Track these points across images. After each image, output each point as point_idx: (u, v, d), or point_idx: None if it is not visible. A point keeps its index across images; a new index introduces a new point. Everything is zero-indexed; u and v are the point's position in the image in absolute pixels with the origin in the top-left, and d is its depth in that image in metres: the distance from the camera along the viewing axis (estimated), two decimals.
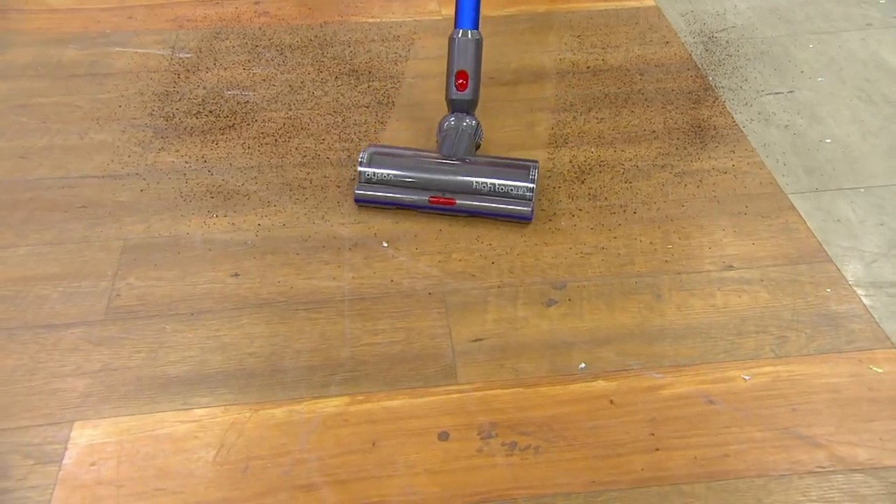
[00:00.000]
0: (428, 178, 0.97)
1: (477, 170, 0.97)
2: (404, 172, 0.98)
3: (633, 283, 0.91)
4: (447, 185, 0.97)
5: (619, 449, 0.73)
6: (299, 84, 1.28)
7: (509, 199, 0.96)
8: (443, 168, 0.98)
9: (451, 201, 0.96)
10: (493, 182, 0.96)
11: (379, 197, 0.98)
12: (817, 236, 0.97)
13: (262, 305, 0.88)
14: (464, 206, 0.97)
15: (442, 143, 1.01)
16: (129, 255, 0.95)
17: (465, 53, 1.00)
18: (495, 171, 0.97)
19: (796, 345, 0.83)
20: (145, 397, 0.77)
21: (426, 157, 0.99)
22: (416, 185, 0.97)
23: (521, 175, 0.96)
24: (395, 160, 0.99)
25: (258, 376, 0.80)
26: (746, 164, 1.09)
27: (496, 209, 0.96)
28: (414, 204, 0.98)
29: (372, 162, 0.98)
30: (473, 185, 0.96)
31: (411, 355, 0.82)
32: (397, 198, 0.98)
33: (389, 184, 0.98)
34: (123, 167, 1.09)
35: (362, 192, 0.99)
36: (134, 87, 1.27)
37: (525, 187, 0.96)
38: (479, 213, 0.97)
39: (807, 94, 1.24)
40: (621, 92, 1.25)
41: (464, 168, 0.98)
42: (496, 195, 0.96)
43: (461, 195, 0.97)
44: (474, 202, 0.97)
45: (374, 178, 0.98)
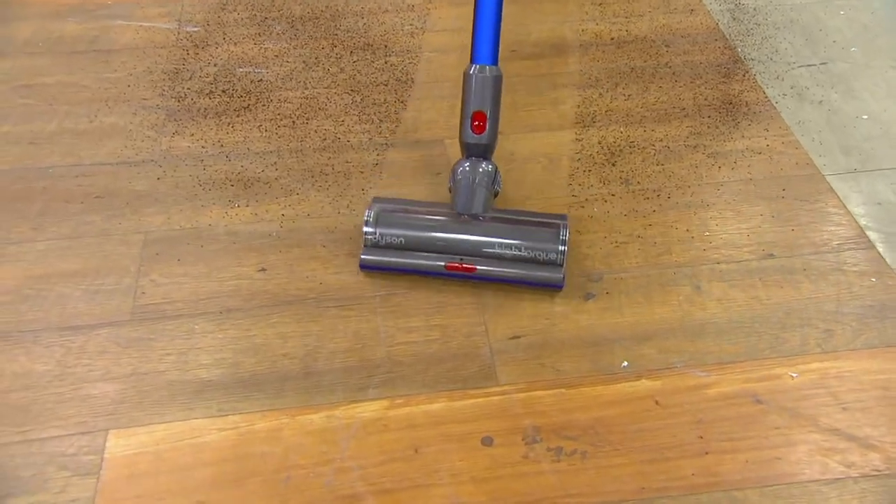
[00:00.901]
0: (443, 240, 0.85)
1: (499, 230, 0.85)
2: (416, 233, 0.86)
3: (672, 273, 0.89)
4: (465, 249, 0.85)
5: (668, 453, 0.71)
6: (314, 60, 1.23)
7: (537, 265, 0.85)
8: (460, 228, 0.86)
9: (470, 268, 0.84)
10: (518, 244, 0.84)
11: (388, 263, 0.86)
12: (858, 221, 0.94)
13: (292, 302, 0.86)
14: (485, 272, 0.85)
15: (456, 195, 0.88)
16: (151, 248, 0.92)
17: (482, 93, 0.88)
18: (520, 231, 0.85)
19: (843, 339, 0.81)
20: (179, 403, 0.76)
21: (440, 216, 0.87)
22: (430, 248, 0.85)
23: (549, 236, 0.85)
24: (405, 219, 0.86)
25: (293, 379, 0.78)
26: (781, 143, 1.06)
27: (523, 276, 0.85)
28: (428, 271, 0.85)
29: (379, 222, 0.86)
30: (496, 248, 0.85)
31: (448, 355, 0.80)
32: (409, 263, 0.86)
33: (399, 248, 0.86)
34: (137, 153, 1.06)
35: (369, 257, 0.86)
36: (141, 64, 1.23)
37: (555, 251, 0.84)
38: (504, 280, 0.85)
39: (840, 65, 1.20)
40: (648, 65, 1.21)
41: (484, 228, 0.86)
42: (522, 260, 0.85)
43: (482, 260, 0.85)
44: (497, 269, 0.85)
45: (381, 242, 0.86)
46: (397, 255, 0.86)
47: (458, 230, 0.86)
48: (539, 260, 0.85)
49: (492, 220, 0.87)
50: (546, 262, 0.85)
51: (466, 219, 0.86)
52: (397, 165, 1.04)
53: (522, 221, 0.87)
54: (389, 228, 0.86)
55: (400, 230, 0.86)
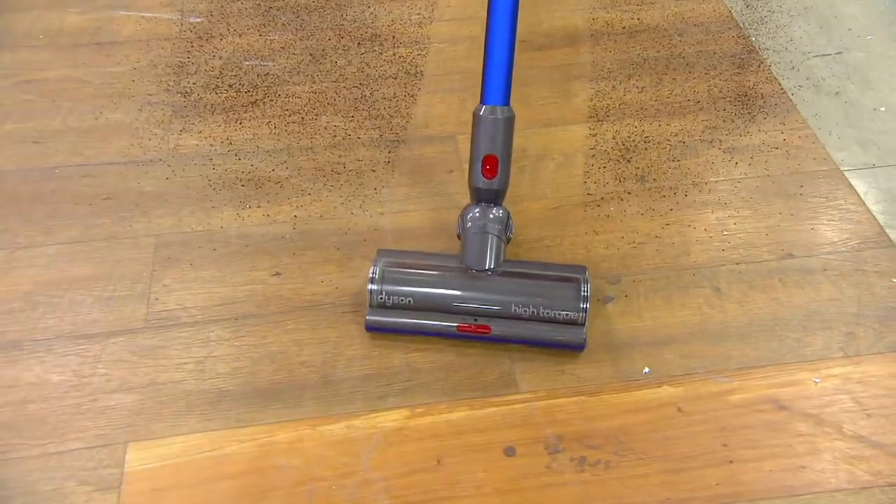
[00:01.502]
0: (454, 299, 0.79)
1: (514, 287, 0.79)
2: (425, 292, 0.80)
3: (691, 275, 0.88)
4: (479, 309, 0.79)
5: (692, 462, 0.71)
6: (320, 52, 1.21)
7: (556, 325, 0.79)
8: (472, 286, 0.80)
9: (485, 329, 0.79)
10: (535, 303, 0.79)
11: (395, 325, 0.80)
12: (878, 219, 0.93)
13: (308, 308, 0.85)
14: (501, 334, 0.79)
15: (467, 247, 0.82)
16: (163, 252, 0.90)
17: (493, 136, 0.81)
18: (537, 288, 0.79)
19: (865, 342, 0.80)
20: (197, 414, 0.75)
21: (450, 271, 0.81)
22: (441, 308, 0.79)
23: (568, 294, 0.78)
24: (413, 276, 0.81)
25: (311, 388, 0.77)
26: (798, 137, 1.05)
27: (541, 338, 0.79)
28: (439, 332, 0.80)
29: (385, 279, 0.80)
30: (511, 308, 0.79)
31: (467, 361, 0.80)
32: (418, 325, 0.80)
33: (407, 308, 0.80)
34: (145, 152, 1.04)
35: (375, 318, 0.80)
36: (145, 57, 1.20)
37: (576, 310, 0.78)
38: (521, 342, 0.80)
39: (856, 55, 1.18)
40: (661, 56, 1.19)
41: (497, 285, 0.80)
42: (540, 320, 0.79)
43: (496, 321, 0.79)
44: (513, 330, 0.79)
45: (388, 302, 0.80)
46: (405, 315, 0.80)
47: (469, 288, 0.80)
48: (558, 320, 0.79)
49: (505, 275, 0.81)
50: (566, 322, 0.79)
51: (478, 275, 0.80)
52: (409, 163, 1.02)
53: (539, 276, 0.81)
54: (396, 287, 0.80)
55: (408, 288, 0.80)
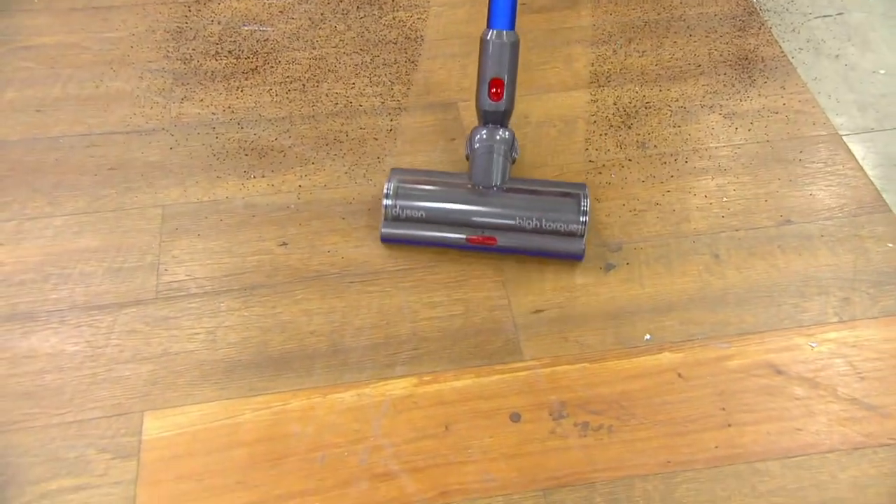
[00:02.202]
0: (463, 213, 0.85)
1: (518, 202, 0.85)
2: (436, 206, 0.86)
3: (691, 242, 0.89)
4: (486, 222, 0.85)
5: (692, 426, 0.73)
6: (319, 16, 1.20)
7: (558, 236, 0.85)
8: (480, 201, 0.85)
9: (491, 240, 0.85)
10: (538, 216, 0.84)
11: (408, 236, 0.87)
12: (875, 184, 0.95)
13: (316, 278, 0.86)
14: (506, 245, 0.85)
15: (474, 165, 0.87)
16: (170, 223, 0.91)
17: (499, 59, 0.85)
18: (540, 203, 0.85)
19: (860, 307, 0.82)
20: (211, 383, 0.77)
21: (460, 188, 0.87)
22: (451, 221, 0.85)
23: (569, 208, 0.85)
24: (425, 192, 0.87)
25: (322, 357, 0.79)
26: (798, 101, 1.05)
27: (543, 248, 0.85)
28: (449, 244, 0.86)
29: (399, 195, 0.86)
30: (516, 220, 0.85)
31: (473, 330, 0.82)
32: (430, 237, 0.86)
33: (419, 220, 0.86)
34: (147, 121, 1.04)
35: (389, 230, 0.86)
36: (143, 22, 1.19)
37: (576, 222, 0.84)
38: (524, 252, 0.86)
39: (857, 16, 1.18)
40: (661, 19, 1.19)
41: (503, 200, 0.86)
42: (542, 232, 0.85)
43: (502, 233, 0.85)
44: (518, 241, 0.85)
45: (401, 215, 0.86)
46: (418, 227, 0.86)
47: (477, 202, 0.86)
48: (560, 231, 0.85)
49: (511, 191, 0.87)
50: (567, 234, 0.85)
51: (485, 190, 0.86)
52: (412, 131, 1.03)
53: (542, 192, 0.87)
54: (409, 201, 0.86)
55: (420, 203, 0.86)
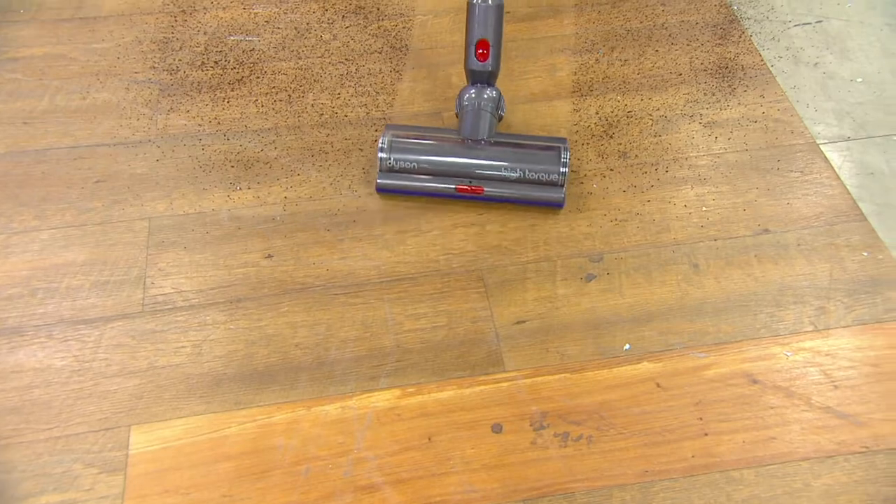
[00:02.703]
0: (453, 165, 0.93)
1: (504, 154, 0.93)
2: (428, 159, 0.93)
3: (671, 252, 0.91)
4: (473, 173, 0.93)
5: (669, 435, 0.75)
6: (305, 26, 1.21)
7: (540, 186, 0.92)
8: (468, 153, 0.93)
9: (479, 190, 0.92)
10: (522, 167, 0.92)
11: (402, 186, 0.94)
12: (851, 192, 0.96)
13: (301, 290, 0.87)
14: (493, 194, 0.93)
15: (463, 121, 0.95)
16: (156, 236, 0.92)
17: (485, 21, 0.92)
18: (523, 155, 0.93)
19: (835, 316, 0.84)
20: (197, 397, 0.78)
21: (449, 142, 0.94)
22: (442, 172, 0.93)
23: (550, 159, 0.92)
24: (417, 145, 0.94)
25: (306, 369, 0.80)
26: (777, 110, 1.07)
27: (527, 197, 0.93)
28: (440, 193, 0.94)
29: (392, 148, 0.93)
30: (502, 171, 0.92)
31: (456, 341, 0.83)
32: (422, 187, 0.94)
33: (412, 172, 0.93)
34: (134, 132, 1.05)
35: (385, 181, 0.94)
36: (129, 33, 1.20)
37: (556, 172, 0.92)
38: (510, 201, 0.94)
39: (835, 24, 1.20)
40: (644, 27, 1.20)
41: (490, 153, 0.93)
42: (526, 182, 0.92)
43: (489, 182, 0.93)
44: (503, 190, 0.93)
45: (395, 167, 0.93)
46: (410, 178, 0.94)
47: (466, 155, 0.93)
48: (542, 181, 0.92)
49: (497, 144, 0.94)
50: (548, 183, 0.92)
51: (473, 144, 0.94)
52: None
53: (526, 145, 0.94)
54: (402, 154, 0.93)
55: (412, 155, 0.93)
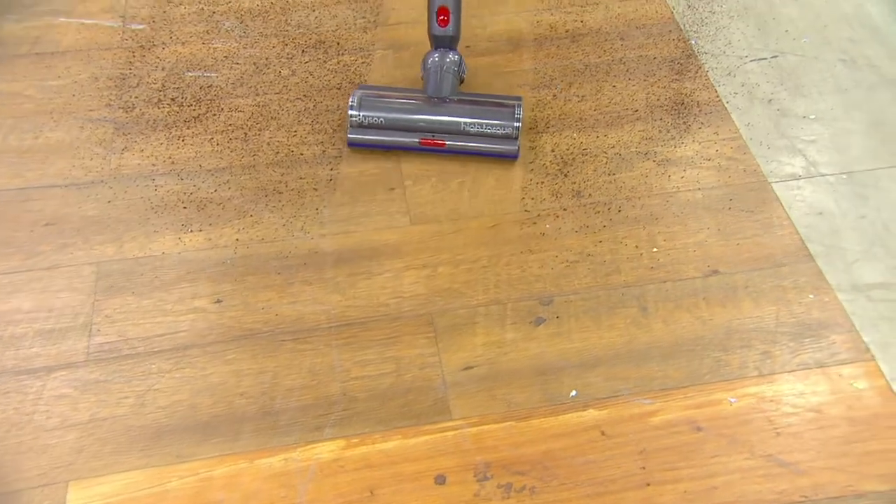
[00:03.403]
0: (417, 120, 1.02)
1: (464, 110, 1.02)
2: (394, 115, 1.02)
3: (620, 294, 0.91)
4: (436, 127, 1.02)
5: (612, 486, 0.75)
6: (264, 61, 1.21)
7: (496, 139, 1.02)
8: (431, 110, 1.02)
9: (440, 143, 1.01)
10: (480, 122, 1.01)
11: (371, 140, 1.03)
12: (800, 232, 0.97)
13: (248, 337, 0.87)
14: (453, 147, 1.02)
15: (427, 81, 1.04)
16: (104, 281, 0.92)
17: None
18: (482, 111, 1.02)
19: (780, 360, 0.85)
20: (138, 450, 0.77)
21: (414, 99, 1.04)
22: (407, 127, 1.02)
23: (506, 115, 1.02)
24: (385, 103, 1.03)
25: (250, 420, 0.80)
26: (730, 148, 1.08)
27: (484, 149, 1.02)
28: (405, 146, 1.03)
29: (362, 106, 1.02)
30: (462, 126, 1.02)
31: (403, 389, 0.83)
32: (389, 140, 1.03)
33: (380, 127, 1.03)
34: (87, 173, 1.04)
35: (355, 136, 1.03)
36: (86, 69, 1.20)
37: (511, 126, 1.01)
38: (469, 153, 1.03)
39: (791, 59, 1.21)
40: (602, 62, 1.21)
41: (451, 109, 1.02)
42: (484, 136, 1.02)
43: (450, 136, 1.02)
44: (463, 143, 1.02)
45: (364, 122, 1.02)
46: (379, 133, 1.03)
47: (429, 112, 1.03)
48: (498, 135, 1.02)
49: (458, 102, 1.03)
50: (503, 137, 1.02)
51: (437, 101, 1.03)
52: (351, 181, 1.04)
53: (484, 103, 1.04)
54: (371, 111, 1.02)
55: (380, 112, 1.02)
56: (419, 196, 1.02)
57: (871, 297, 0.90)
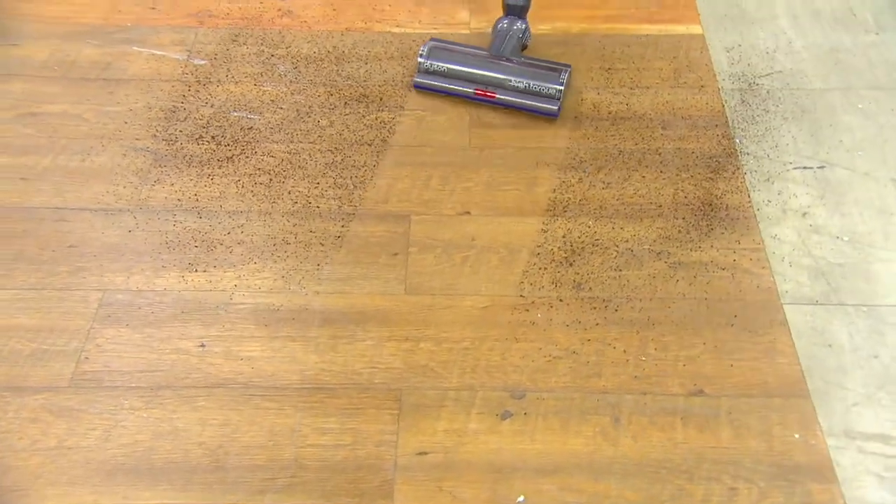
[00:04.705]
0: (475, 73, 1.20)
1: (517, 70, 1.19)
2: (456, 66, 1.21)
3: (595, 400, 0.89)
4: (490, 81, 1.19)
5: None
6: (307, 109, 1.25)
7: (541, 97, 1.18)
8: (489, 66, 1.20)
9: (492, 94, 1.19)
10: (528, 81, 1.18)
11: (433, 85, 1.22)
12: (802, 363, 0.92)
13: (221, 386, 0.89)
14: (502, 100, 1.19)
15: (493, 42, 1.23)
16: (105, 309, 0.97)
17: None
18: (532, 72, 1.19)
19: (746, 501, 0.80)
20: (91, 486, 0.81)
21: (476, 55, 1.22)
22: (466, 78, 1.20)
23: (552, 77, 1.18)
24: (450, 55, 1.22)
25: (202, 472, 0.82)
26: (749, 260, 1.03)
27: (528, 105, 1.19)
28: (462, 94, 1.21)
29: (431, 55, 1.22)
30: (512, 82, 1.18)
31: (354, 464, 0.83)
32: (448, 87, 1.21)
33: (444, 75, 1.21)
34: (117, 200, 1.10)
35: (421, 80, 1.23)
36: (143, 99, 1.27)
37: (555, 88, 1.18)
38: (515, 107, 1.20)
39: (839, 172, 1.15)
40: (637, 149, 1.19)
41: (506, 67, 1.19)
42: (530, 93, 1.18)
43: (501, 90, 1.19)
44: (511, 97, 1.19)
45: (430, 69, 1.21)
46: (441, 80, 1.22)
47: (487, 67, 1.21)
48: (543, 94, 1.19)
49: (515, 62, 1.20)
50: (547, 96, 1.19)
51: (495, 60, 1.21)
52: (358, 240, 1.06)
53: (536, 66, 1.20)
54: (437, 61, 1.22)
55: (445, 63, 1.22)
56: (421, 265, 1.03)
57: (862, 448, 0.84)
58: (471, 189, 1.13)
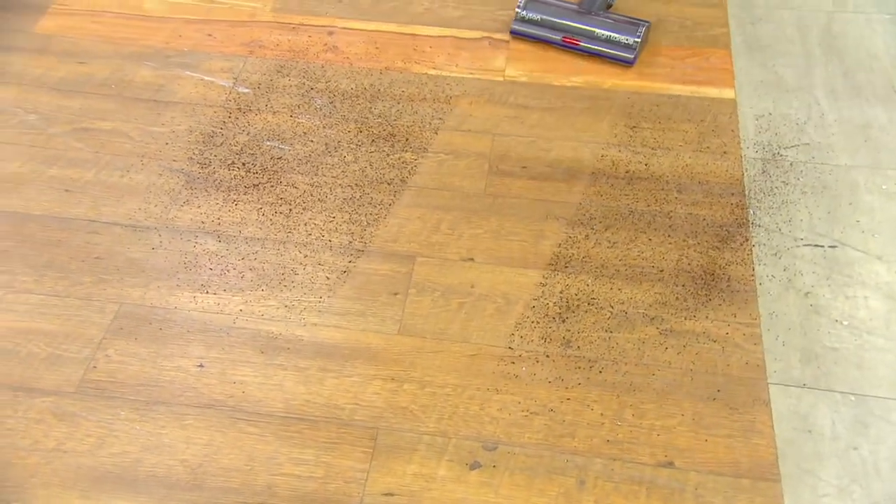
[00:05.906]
0: (563, 24, 1.41)
1: (600, 22, 1.39)
2: (548, 17, 1.42)
3: (564, 460, 0.91)
4: (575, 31, 1.40)
5: None
6: (335, 144, 1.31)
7: (619, 46, 1.38)
8: (576, 18, 1.41)
9: (576, 42, 1.40)
10: (609, 33, 1.38)
11: (527, 32, 1.44)
12: (778, 447, 0.92)
13: (211, 407, 0.95)
14: (585, 47, 1.40)
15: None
16: (119, 322, 1.04)
17: None
18: (613, 24, 1.39)
19: None
20: (79, 490, 0.87)
21: (566, 9, 1.42)
22: (555, 27, 1.41)
23: (631, 30, 1.37)
24: (544, 6, 1.43)
25: (180, 488, 0.87)
26: (742, 335, 1.03)
27: (607, 52, 1.39)
28: (551, 41, 1.42)
29: (527, 7, 1.43)
30: (596, 32, 1.39)
31: (322, 497, 0.87)
32: (540, 34, 1.43)
33: (537, 24, 1.43)
34: (147, 217, 1.18)
35: (517, 27, 1.45)
36: (186, 122, 1.35)
37: (633, 40, 1.37)
38: (596, 53, 1.40)
39: (850, 253, 1.14)
40: (648, 210, 1.20)
41: (590, 20, 1.40)
42: (610, 42, 1.39)
43: (585, 39, 1.40)
44: (593, 45, 1.39)
45: (525, 18, 1.44)
46: (535, 28, 1.43)
47: (574, 19, 1.42)
48: (621, 43, 1.38)
49: (599, 16, 1.40)
50: (625, 46, 1.38)
51: (583, 13, 1.41)
52: (362, 277, 1.10)
53: (618, 20, 1.40)
54: (532, 12, 1.44)
55: (539, 13, 1.43)
56: (417, 307, 1.07)
57: None
58: (478, 236, 1.16)
